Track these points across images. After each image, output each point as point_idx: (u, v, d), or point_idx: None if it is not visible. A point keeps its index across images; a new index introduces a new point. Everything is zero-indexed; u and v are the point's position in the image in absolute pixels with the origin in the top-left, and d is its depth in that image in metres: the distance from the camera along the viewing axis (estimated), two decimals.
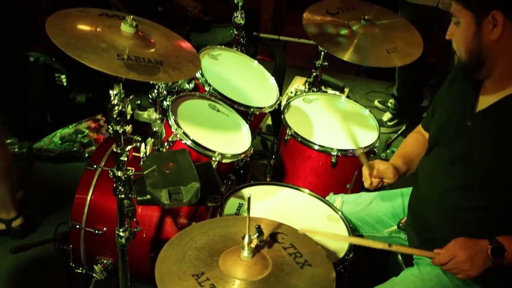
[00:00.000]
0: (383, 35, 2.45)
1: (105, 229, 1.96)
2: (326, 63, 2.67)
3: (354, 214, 2.03)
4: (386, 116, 3.95)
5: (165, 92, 2.01)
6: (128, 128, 1.52)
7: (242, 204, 1.92)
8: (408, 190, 2.00)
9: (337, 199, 2.08)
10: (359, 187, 2.28)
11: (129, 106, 1.50)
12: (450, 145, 1.71)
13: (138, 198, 1.50)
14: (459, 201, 1.66)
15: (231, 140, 2.15)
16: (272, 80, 2.62)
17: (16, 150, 3.18)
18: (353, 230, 1.94)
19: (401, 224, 1.92)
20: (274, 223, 1.45)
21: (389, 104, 4.04)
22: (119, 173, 1.53)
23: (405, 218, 1.91)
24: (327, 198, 2.13)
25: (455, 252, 1.56)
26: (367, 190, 1.97)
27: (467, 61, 1.60)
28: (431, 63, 3.82)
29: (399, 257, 1.96)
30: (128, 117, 1.51)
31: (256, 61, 2.69)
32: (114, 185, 1.55)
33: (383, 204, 2.05)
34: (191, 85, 2.28)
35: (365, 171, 1.87)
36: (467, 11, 1.56)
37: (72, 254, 2.04)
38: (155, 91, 1.97)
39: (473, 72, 1.62)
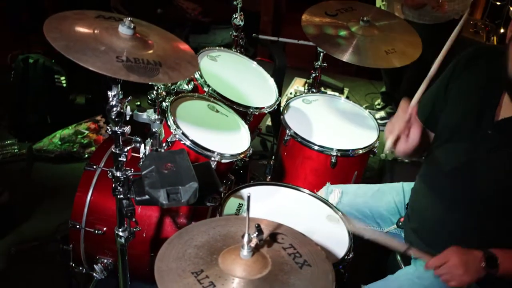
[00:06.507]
0: (382, 36, 2.46)
1: (104, 229, 1.96)
2: (325, 64, 2.68)
3: (354, 206, 2.01)
4: (379, 114, 3.96)
5: (164, 93, 2.02)
6: (127, 128, 1.52)
7: (242, 204, 1.93)
8: (409, 186, 2.00)
9: (336, 190, 2.05)
10: None
11: (128, 107, 1.51)
12: (464, 147, 1.65)
13: (137, 198, 1.51)
14: (465, 209, 1.65)
15: (230, 140, 2.15)
16: (271, 81, 2.63)
17: (16, 150, 3.20)
18: None
19: (400, 223, 1.93)
20: (274, 223, 1.45)
21: (388, 110, 4.02)
22: (118, 174, 1.53)
23: (404, 216, 1.92)
24: (324, 188, 2.12)
25: (448, 257, 1.57)
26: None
27: None
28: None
29: (398, 257, 1.97)
30: (127, 118, 1.52)
31: (255, 62, 2.69)
32: (113, 185, 1.56)
33: (384, 199, 2.03)
34: (190, 86, 2.29)
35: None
36: None
37: (72, 254, 2.05)
38: (154, 92, 1.97)
39: None
